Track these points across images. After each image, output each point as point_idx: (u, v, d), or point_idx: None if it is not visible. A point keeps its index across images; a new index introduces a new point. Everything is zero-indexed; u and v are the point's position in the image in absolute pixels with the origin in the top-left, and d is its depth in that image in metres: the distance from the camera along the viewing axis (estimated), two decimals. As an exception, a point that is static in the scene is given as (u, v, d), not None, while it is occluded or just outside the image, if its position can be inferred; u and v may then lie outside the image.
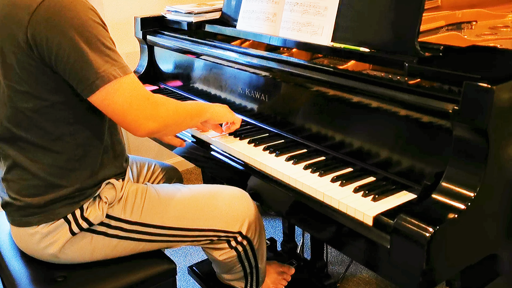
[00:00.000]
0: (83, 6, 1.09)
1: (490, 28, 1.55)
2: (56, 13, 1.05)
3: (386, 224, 0.99)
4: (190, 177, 3.01)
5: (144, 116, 1.16)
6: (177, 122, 1.27)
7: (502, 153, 0.98)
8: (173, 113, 1.24)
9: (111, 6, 2.58)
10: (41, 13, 1.05)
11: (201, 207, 1.34)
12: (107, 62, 1.10)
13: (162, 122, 1.20)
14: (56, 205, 1.20)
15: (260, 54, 1.49)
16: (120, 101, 1.12)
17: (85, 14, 1.08)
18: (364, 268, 2.08)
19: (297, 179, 1.20)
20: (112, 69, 1.10)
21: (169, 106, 1.24)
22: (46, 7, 1.05)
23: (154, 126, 1.18)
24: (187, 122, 1.32)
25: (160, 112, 1.19)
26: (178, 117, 1.26)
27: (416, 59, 1.15)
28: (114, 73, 1.10)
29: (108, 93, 1.10)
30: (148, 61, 2.06)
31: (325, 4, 1.40)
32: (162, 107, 1.21)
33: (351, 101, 1.22)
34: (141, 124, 1.16)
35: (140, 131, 1.17)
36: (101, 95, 1.11)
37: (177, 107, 1.26)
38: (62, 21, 1.05)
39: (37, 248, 1.24)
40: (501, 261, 1.14)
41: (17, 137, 1.17)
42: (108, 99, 1.11)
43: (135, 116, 1.15)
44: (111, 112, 1.14)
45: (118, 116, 1.15)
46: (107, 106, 1.13)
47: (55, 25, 1.05)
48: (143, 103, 1.15)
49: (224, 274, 1.52)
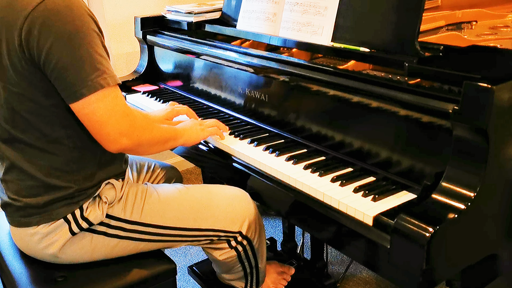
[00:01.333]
0: (79, 11, 1.08)
1: (490, 28, 1.55)
2: (50, 18, 1.05)
3: (386, 224, 0.99)
4: (190, 177, 3.01)
5: (120, 132, 1.14)
6: (150, 143, 1.24)
7: (502, 153, 0.98)
8: (148, 134, 1.22)
9: (111, 6, 2.58)
10: (36, 17, 1.05)
11: (201, 207, 1.34)
12: (98, 70, 1.09)
13: (136, 140, 1.18)
14: (55, 205, 1.20)
15: (260, 54, 1.49)
16: (100, 113, 1.11)
17: (80, 20, 1.07)
18: (364, 268, 2.08)
19: (297, 179, 1.20)
20: (101, 78, 1.09)
21: (146, 126, 1.22)
22: (41, 11, 1.05)
23: (127, 144, 1.17)
24: (159, 145, 1.29)
25: (135, 131, 1.18)
26: (152, 138, 1.25)
27: (416, 59, 1.15)
28: (103, 82, 1.09)
29: (90, 102, 1.09)
30: (148, 61, 2.06)
31: (325, 4, 1.40)
32: (139, 125, 1.19)
33: (351, 101, 1.22)
34: (115, 139, 1.15)
35: (113, 146, 1.16)
36: (83, 104, 1.09)
37: (153, 129, 1.25)
38: (55, 25, 1.05)
39: (37, 248, 1.24)
40: (501, 261, 1.14)
41: (14, 138, 1.17)
42: (88, 108, 1.10)
43: (111, 130, 1.13)
44: (87, 121, 1.13)
45: (94, 127, 1.13)
46: (85, 115, 1.11)
47: (48, 30, 1.05)
48: (122, 118, 1.14)
49: (224, 274, 1.52)
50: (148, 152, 1.29)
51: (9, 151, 1.20)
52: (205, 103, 1.77)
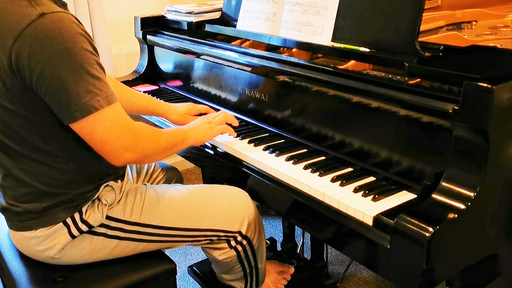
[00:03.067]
0: (70, 32, 1.04)
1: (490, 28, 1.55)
2: (41, 40, 1.01)
3: (386, 224, 0.99)
4: (190, 177, 3.01)
5: (123, 147, 1.14)
6: (156, 152, 1.23)
7: (502, 153, 0.98)
8: (153, 144, 1.21)
9: (111, 6, 2.58)
10: (26, 38, 1.01)
11: (200, 207, 1.34)
12: (90, 92, 1.06)
13: (141, 153, 1.18)
14: (54, 210, 1.20)
15: (260, 54, 1.49)
16: (100, 131, 1.10)
17: (72, 41, 1.04)
18: (364, 268, 2.08)
19: (297, 179, 1.20)
20: (94, 100, 1.07)
21: (150, 137, 1.21)
22: (31, 33, 1.01)
23: (132, 157, 1.17)
24: (166, 151, 1.27)
25: (139, 143, 1.17)
26: (158, 147, 1.23)
27: (416, 59, 1.15)
28: (96, 104, 1.07)
29: (88, 123, 1.08)
30: (148, 61, 2.06)
31: (325, 4, 1.40)
32: (143, 138, 1.18)
33: (351, 101, 1.22)
34: (119, 155, 1.15)
35: (118, 161, 1.16)
36: (81, 125, 1.08)
37: (158, 138, 1.24)
38: (46, 48, 1.02)
39: (37, 251, 1.24)
40: (501, 261, 1.14)
41: (9, 148, 1.16)
42: (87, 128, 1.09)
43: (114, 147, 1.13)
44: (89, 140, 1.12)
45: (96, 145, 1.13)
46: (86, 135, 1.11)
47: (39, 52, 1.02)
48: (124, 134, 1.13)
49: (224, 275, 1.52)
50: (155, 160, 1.29)
51: (5, 159, 1.19)
52: (205, 103, 1.77)
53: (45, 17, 1.02)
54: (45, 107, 1.10)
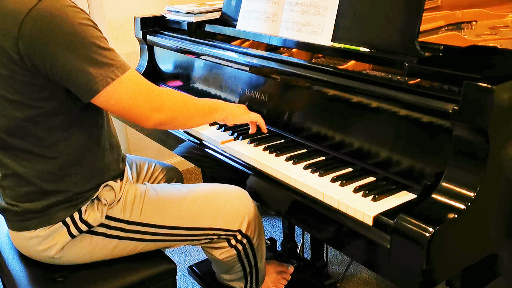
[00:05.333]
0: (72, 11, 1.06)
1: (490, 28, 1.55)
2: (46, 23, 1.03)
3: (386, 224, 0.99)
4: (190, 177, 3.01)
5: (151, 108, 1.17)
6: (186, 115, 1.26)
7: (502, 153, 0.98)
8: (181, 106, 1.24)
9: (111, 6, 2.58)
10: (30, 24, 1.03)
11: (200, 206, 1.34)
12: (104, 65, 1.08)
13: (170, 113, 1.21)
14: (53, 209, 1.20)
15: (260, 54, 1.49)
16: (125, 99, 1.13)
17: (75, 19, 1.06)
18: (364, 268, 2.08)
19: (297, 179, 1.20)
20: (110, 71, 1.09)
21: (177, 98, 1.24)
22: (34, 17, 1.03)
23: (162, 117, 1.19)
24: (198, 117, 1.31)
25: (166, 103, 1.20)
26: (187, 110, 1.26)
27: (416, 59, 1.15)
28: (112, 74, 1.09)
29: (110, 94, 1.10)
30: (148, 61, 2.06)
31: (325, 4, 1.40)
32: (169, 98, 1.21)
33: (351, 101, 1.22)
34: (148, 116, 1.17)
35: (148, 122, 1.18)
36: (104, 97, 1.11)
37: (186, 101, 1.26)
38: (53, 29, 1.04)
39: (36, 251, 1.24)
40: (501, 261, 1.14)
41: (10, 145, 1.17)
42: (112, 99, 1.12)
43: (141, 109, 1.16)
44: (116, 110, 1.14)
45: (125, 112, 1.15)
46: (113, 106, 1.13)
47: (47, 35, 1.03)
48: (148, 95, 1.16)
49: (224, 275, 1.52)
50: (187, 125, 1.32)
51: (5, 158, 1.19)
52: (205, 103, 1.77)
53: (44, 0, 1.04)
54: (55, 92, 1.11)
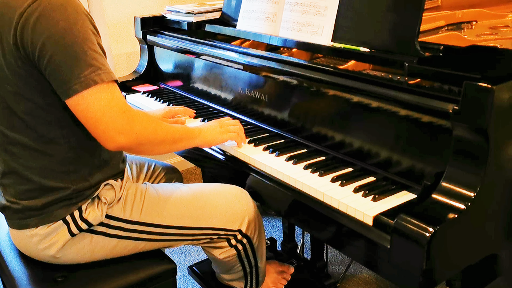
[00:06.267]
0: (74, 9, 1.07)
1: (490, 28, 1.55)
2: (45, 15, 1.04)
3: (386, 224, 0.99)
4: (190, 177, 3.01)
5: (116, 129, 1.11)
6: (153, 142, 1.20)
7: (502, 153, 0.98)
8: (150, 132, 1.18)
9: (111, 6, 2.58)
10: (30, 14, 1.04)
11: (200, 206, 1.34)
12: (91, 66, 1.07)
13: (135, 139, 1.14)
14: (53, 207, 1.20)
15: (260, 54, 1.49)
16: (94, 109, 1.08)
17: (74, 18, 1.07)
18: (364, 268, 2.08)
19: (297, 179, 1.20)
20: (95, 74, 1.07)
21: (147, 124, 1.17)
22: (35, 9, 1.04)
23: (125, 142, 1.13)
24: (166, 145, 1.24)
25: (134, 128, 1.13)
26: (156, 137, 1.20)
27: (416, 59, 1.15)
28: (96, 78, 1.07)
29: (83, 98, 1.07)
30: (148, 61, 2.06)
31: (325, 4, 1.40)
32: (138, 123, 1.14)
33: (351, 101, 1.22)
34: (111, 137, 1.11)
35: (110, 144, 1.13)
36: (77, 100, 1.08)
37: (157, 128, 1.20)
38: (49, 23, 1.04)
39: (37, 250, 1.24)
40: (501, 261, 1.14)
41: (9, 141, 1.17)
42: (82, 105, 1.08)
43: (106, 127, 1.10)
44: (83, 118, 1.10)
45: (90, 124, 1.11)
46: (80, 112, 1.09)
47: (41, 26, 1.04)
48: (118, 115, 1.10)
49: (224, 274, 1.52)
50: (153, 152, 1.24)
51: (4, 155, 1.19)
52: (205, 103, 1.77)
53: None
54: (50, 88, 1.11)
